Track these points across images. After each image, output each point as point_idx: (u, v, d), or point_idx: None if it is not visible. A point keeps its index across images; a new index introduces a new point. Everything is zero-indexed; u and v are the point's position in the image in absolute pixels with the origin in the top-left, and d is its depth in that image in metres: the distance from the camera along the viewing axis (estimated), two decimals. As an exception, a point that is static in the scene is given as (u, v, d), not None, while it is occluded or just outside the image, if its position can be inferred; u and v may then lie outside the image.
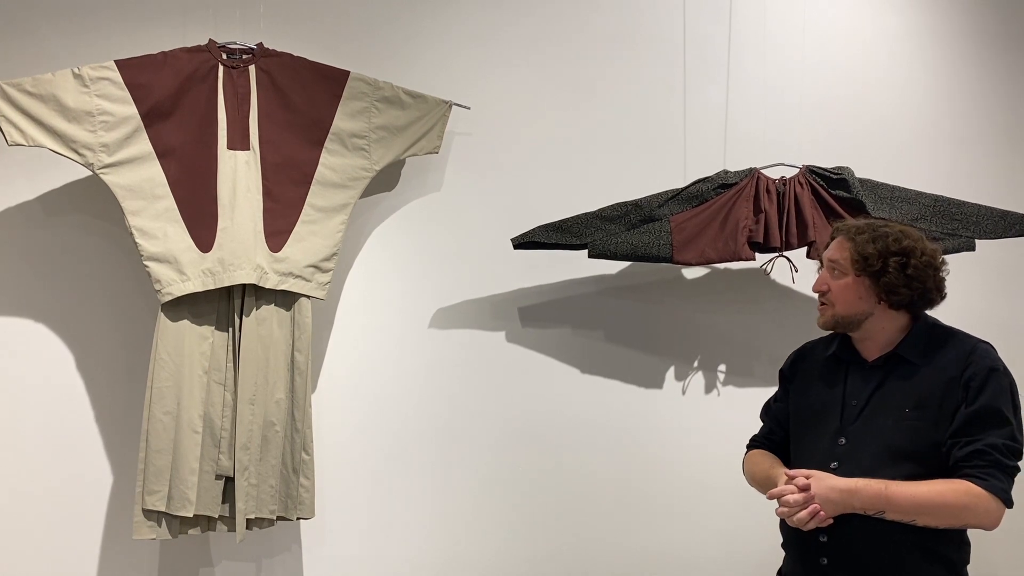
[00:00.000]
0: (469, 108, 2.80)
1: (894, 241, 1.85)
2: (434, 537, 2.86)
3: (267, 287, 2.55)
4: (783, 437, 2.09)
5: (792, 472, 1.83)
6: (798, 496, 1.77)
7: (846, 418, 1.88)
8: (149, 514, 2.47)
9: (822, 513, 1.75)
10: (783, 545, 1.98)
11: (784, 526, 1.91)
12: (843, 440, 1.86)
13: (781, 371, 2.17)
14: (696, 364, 2.97)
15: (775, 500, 1.84)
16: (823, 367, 2.01)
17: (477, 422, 2.89)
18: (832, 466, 1.84)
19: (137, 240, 2.49)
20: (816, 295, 1.98)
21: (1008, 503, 1.72)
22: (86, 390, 2.72)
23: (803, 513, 1.76)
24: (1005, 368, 1.81)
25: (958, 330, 1.90)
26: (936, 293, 1.88)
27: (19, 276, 2.71)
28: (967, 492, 1.69)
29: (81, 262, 2.73)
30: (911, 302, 1.86)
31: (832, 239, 1.98)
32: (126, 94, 2.50)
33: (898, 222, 1.96)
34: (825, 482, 1.76)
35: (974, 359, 1.79)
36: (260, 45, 2.65)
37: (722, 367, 2.96)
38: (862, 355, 1.94)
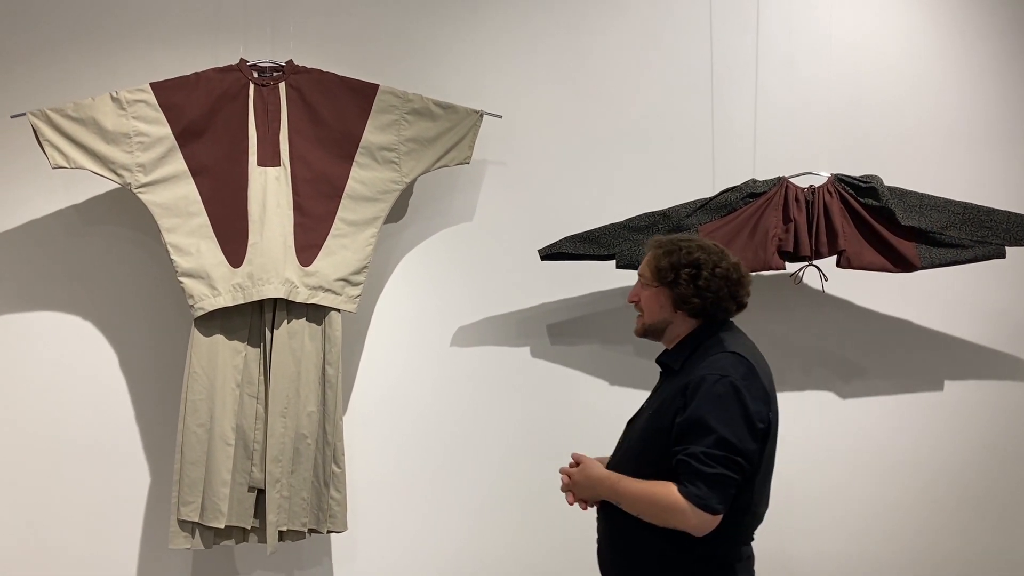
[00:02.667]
0: (501, 117, 2.81)
1: (686, 255, 1.95)
2: (466, 551, 2.87)
3: (298, 301, 2.59)
4: None
5: (576, 456, 2.05)
6: (564, 477, 2.03)
7: (630, 424, 2.07)
8: (184, 524, 2.52)
9: (569, 496, 2.00)
10: None
11: None
12: (620, 441, 2.06)
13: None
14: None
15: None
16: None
17: (509, 436, 2.90)
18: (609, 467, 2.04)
19: (172, 256, 2.54)
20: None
21: (708, 509, 1.76)
22: (126, 398, 2.78)
23: (563, 488, 2.02)
24: (724, 377, 1.82)
25: (725, 343, 1.92)
26: (731, 302, 1.95)
27: (56, 285, 2.78)
28: (668, 495, 1.79)
29: (117, 272, 2.80)
30: (703, 310, 1.94)
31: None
32: (160, 115, 2.56)
33: (700, 239, 2.02)
34: (586, 470, 1.98)
35: (701, 366, 1.86)
36: (290, 62, 2.68)
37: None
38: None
